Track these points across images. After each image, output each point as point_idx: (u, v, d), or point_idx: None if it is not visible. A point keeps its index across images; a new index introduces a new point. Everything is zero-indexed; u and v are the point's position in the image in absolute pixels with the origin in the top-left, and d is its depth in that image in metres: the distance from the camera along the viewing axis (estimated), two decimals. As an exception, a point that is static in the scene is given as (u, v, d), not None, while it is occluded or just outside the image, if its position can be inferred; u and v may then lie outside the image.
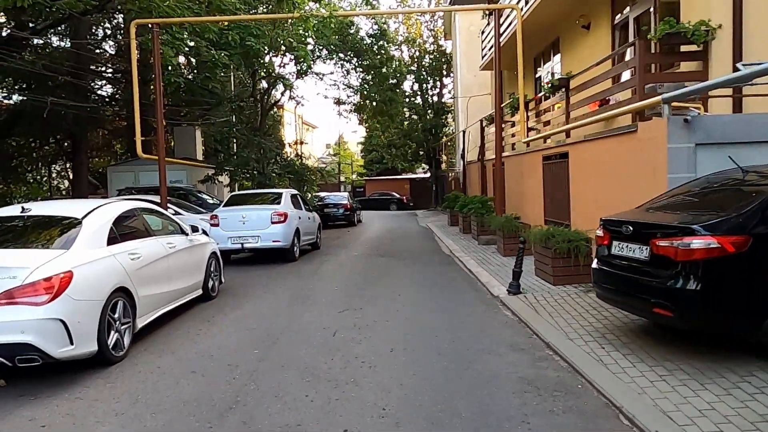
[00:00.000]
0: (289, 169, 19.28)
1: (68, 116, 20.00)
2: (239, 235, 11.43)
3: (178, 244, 6.86)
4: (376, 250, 14.07)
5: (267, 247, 11.59)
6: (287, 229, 11.69)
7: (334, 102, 22.05)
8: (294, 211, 12.37)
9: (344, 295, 8.15)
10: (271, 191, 13.45)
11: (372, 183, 48.84)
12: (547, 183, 12.44)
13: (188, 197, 17.86)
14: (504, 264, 10.21)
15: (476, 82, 30.25)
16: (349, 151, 57.78)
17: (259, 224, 11.50)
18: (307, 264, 11.73)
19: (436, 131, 36.15)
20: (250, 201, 12.62)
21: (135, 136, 14.10)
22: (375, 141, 48.69)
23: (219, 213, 11.70)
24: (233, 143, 19.35)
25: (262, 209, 11.85)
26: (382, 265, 11.22)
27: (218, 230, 11.50)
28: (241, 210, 11.75)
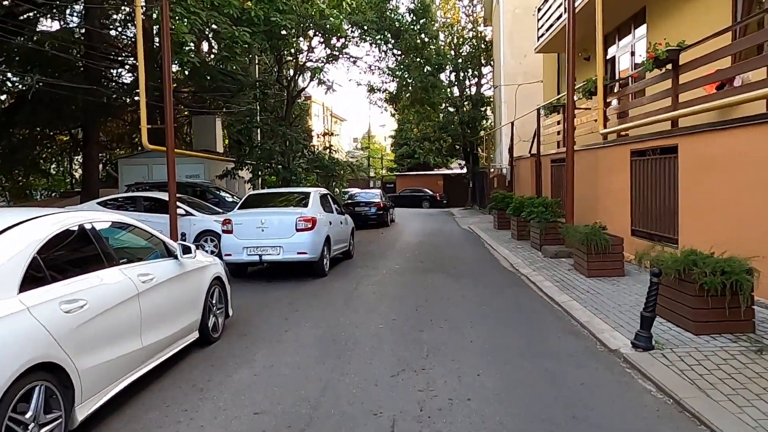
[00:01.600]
0: (317, 163, 17.12)
1: (77, 103, 18.30)
2: (257, 245, 9.31)
3: (158, 275, 4.71)
4: (420, 261, 11.82)
5: (291, 260, 9.44)
6: (316, 238, 9.52)
7: (368, 90, 19.81)
8: (324, 216, 10.20)
9: (395, 340, 5.93)
10: (297, 190, 11.29)
11: (403, 179, 46.58)
12: (637, 184, 10.00)
13: (205, 195, 15.90)
14: (595, 290, 7.85)
15: (521, 70, 27.69)
16: (380, 145, 55.52)
17: (281, 232, 9.35)
18: (340, 280, 9.55)
19: (474, 124, 33.64)
20: (271, 202, 10.49)
21: (141, 124, 12.13)
22: (406, 134, 46.44)
23: (233, 217, 9.58)
24: (256, 134, 17.28)
25: (286, 213, 9.71)
26: (434, 286, 8.96)
27: (232, 238, 9.40)
28: (259, 214, 9.62)
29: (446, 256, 12.69)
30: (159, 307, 4.57)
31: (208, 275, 5.75)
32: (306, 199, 10.13)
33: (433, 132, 34.72)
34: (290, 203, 10.33)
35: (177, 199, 12.80)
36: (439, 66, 19.72)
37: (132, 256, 4.70)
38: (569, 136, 11.23)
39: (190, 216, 12.67)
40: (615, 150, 11.02)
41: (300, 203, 10.16)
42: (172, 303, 4.83)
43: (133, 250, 4.87)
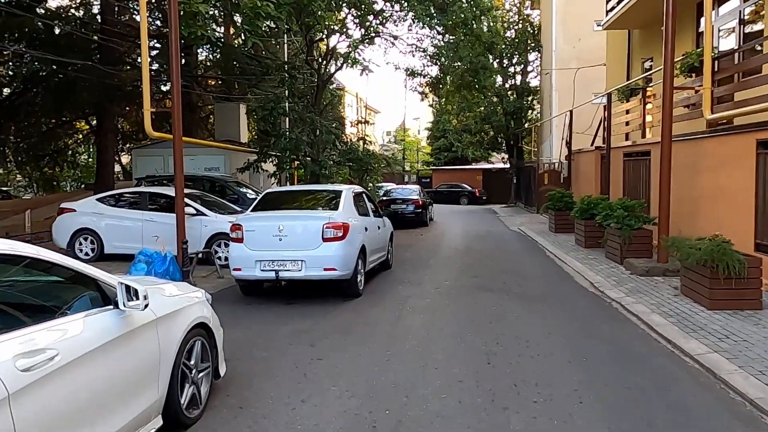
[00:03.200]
0: (350, 155, 15.07)
1: (89, 89, 16.77)
2: (273, 258, 7.30)
3: (72, 345, 2.70)
4: (474, 276, 9.68)
5: (316, 279, 7.41)
6: (348, 250, 7.47)
7: (407, 74, 17.67)
8: (359, 220, 8.14)
9: (467, 425, 3.82)
10: (325, 188, 9.22)
11: (440, 173, 44.23)
12: (766, 184, 7.63)
13: (224, 191, 14.06)
14: (735, 333, 5.58)
15: (574, 55, 25.10)
16: (416, 138, 53.25)
17: (304, 241, 7.33)
18: (378, 305, 7.48)
19: (519, 115, 31.10)
20: (293, 203, 8.46)
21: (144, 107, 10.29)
22: (444, 126, 44.08)
23: (244, 222, 7.58)
24: (282, 122, 15.34)
25: (310, 217, 7.68)
26: (502, 316, 6.81)
27: (242, 248, 7.43)
28: (277, 218, 7.60)
29: (505, 268, 10.49)
30: (69, 402, 2.57)
31: (180, 324, 3.75)
32: (336, 200, 8.07)
33: (474, 123, 32.29)
34: (316, 204, 8.30)
35: (187, 196, 10.98)
36: (491, 45, 17.39)
37: (29, 313, 2.72)
38: (666, 124, 8.90)
39: (201, 216, 10.80)
40: (730, 140, 8.64)
41: (328, 205, 8.12)
42: (102, 386, 2.83)
43: (39, 300, 2.89)
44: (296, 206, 8.22)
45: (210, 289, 8.61)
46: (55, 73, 16.53)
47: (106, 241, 10.96)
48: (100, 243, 10.98)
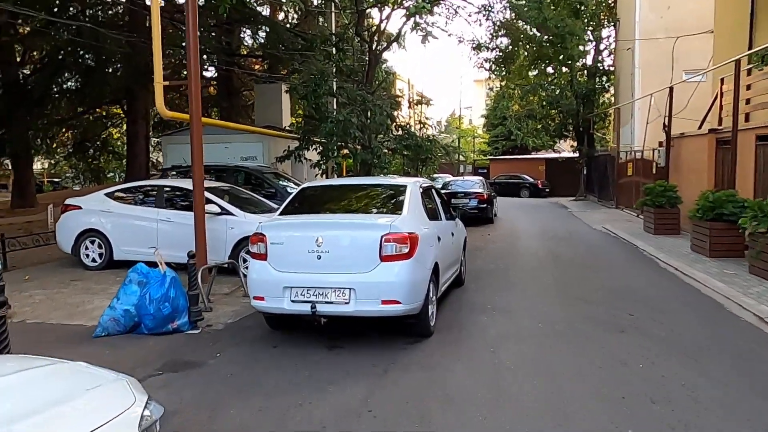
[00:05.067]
0: (408, 141, 12.67)
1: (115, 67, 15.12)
2: (309, 284, 5.02)
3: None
4: (580, 297, 7.16)
5: (370, 315, 5.09)
6: (416, 273, 5.12)
7: (472, 48, 15.14)
8: (429, 228, 5.76)
9: None
10: (383, 182, 6.75)
11: (497, 163, 41.23)
12: None
13: (262, 184, 11.97)
14: None
15: (662, 25, 21.74)
16: (472, 126, 50.24)
17: (353, 260, 5.01)
18: (458, 357, 5.09)
19: (591, 98, 27.83)
20: (338, 203, 6.07)
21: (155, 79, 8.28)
22: (502, 112, 41.02)
23: (268, 230, 5.28)
24: (327, 102, 13.11)
25: (363, 225, 5.30)
26: (661, 383, 4.30)
27: (265, 268, 5.19)
28: (316, 225, 5.28)
29: (616, 287, 7.90)
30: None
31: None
32: (399, 199, 5.71)
33: (540, 108, 29.22)
34: (371, 206, 5.94)
35: (210, 190, 8.94)
36: (580, 4, 14.57)
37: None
38: None
39: (227, 215, 8.71)
40: None
41: (388, 206, 5.78)
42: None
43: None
44: (342, 208, 5.87)
45: (230, 315, 6.47)
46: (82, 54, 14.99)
47: (115, 245, 9.04)
48: (108, 247, 9.07)
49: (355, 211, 5.70)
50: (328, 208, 5.86)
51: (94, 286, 8.02)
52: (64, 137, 29.65)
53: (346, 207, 5.85)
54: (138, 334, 5.70)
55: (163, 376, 4.61)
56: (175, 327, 5.71)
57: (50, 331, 5.91)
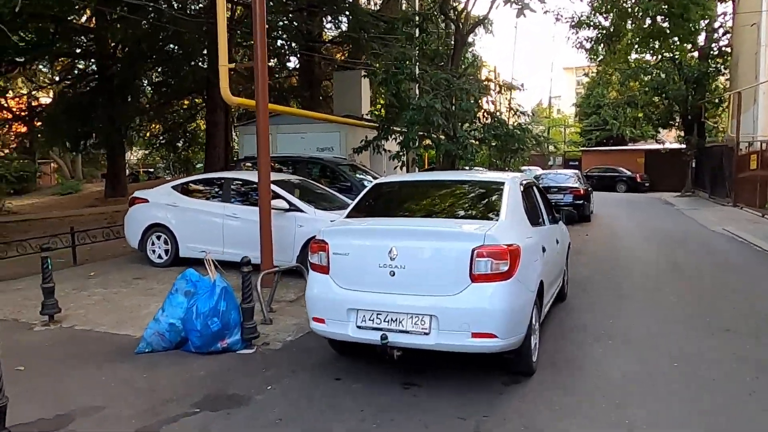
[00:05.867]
0: (498, 130, 11.32)
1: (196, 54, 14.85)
2: (379, 307, 3.99)
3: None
4: (725, 326, 5.63)
5: (455, 350, 3.97)
6: (518, 297, 3.95)
7: (571, 26, 13.49)
8: (533, 236, 4.53)
9: None
10: (474, 178, 5.32)
11: (591, 155, 38.43)
12: None
13: (337, 176, 11.13)
14: None
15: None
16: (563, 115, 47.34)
17: (435, 279, 3.91)
18: (573, 410, 3.89)
19: (703, 83, 24.87)
20: (418, 204, 4.92)
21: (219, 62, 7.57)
22: (596, 101, 38.18)
23: (331, 237, 4.25)
24: (408, 89, 12.03)
25: (448, 234, 4.09)
26: None
27: (326, 284, 4.21)
28: (389, 233, 4.18)
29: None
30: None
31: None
32: (495, 199, 4.53)
33: (642, 94, 26.56)
34: (459, 208, 4.76)
35: (279, 184, 8.17)
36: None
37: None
38: None
39: (296, 212, 7.89)
40: None
41: (481, 208, 4.62)
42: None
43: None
44: (423, 211, 4.76)
45: (291, 331, 5.57)
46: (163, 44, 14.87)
47: (181, 241, 8.48)
48: (174, 243, 8.53)
49: (439, 215, 4.54)
50: (405, 211, 4.76)
51: (156, 285, 7.46)
52: (155, 129, 30.62)
53: (428, 210, 4.71)
54: (185, 350, 4.93)
55: (200, 416, 3.76)
56: (225, 346, 4.88)
57: (94, 341, 5.28)
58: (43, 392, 4.15)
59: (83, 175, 39.32)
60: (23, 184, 32.25)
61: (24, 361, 4.73)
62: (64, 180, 37.05)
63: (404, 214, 4.69)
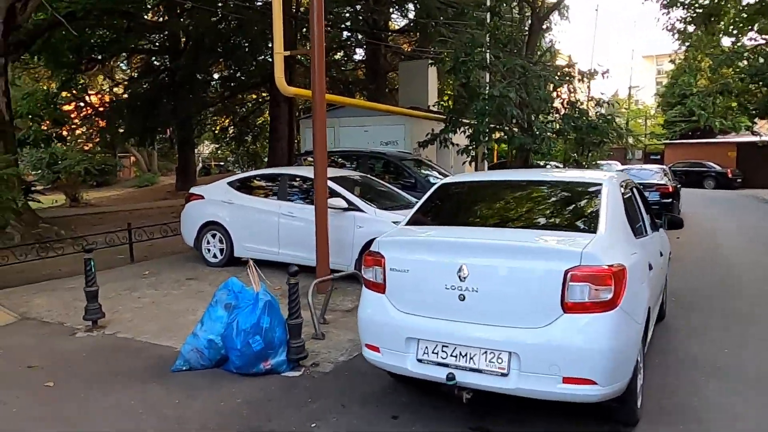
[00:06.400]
0: (579, 122, 10.21)
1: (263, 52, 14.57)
2: (445, 339, 3.25)
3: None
4: None
5: (540, 398, 3.15)
6: (624, 333, 3.10)
7: (663, 5, 12.08)
8: (638, 251, 3.63)
9: None
10: (563, 178, 4.35)
11: (674, 149, 35.77)
12: None
13: (401, 172, 10.42)
14: None
15: None
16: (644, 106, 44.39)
17: (516, 306, 3.13)
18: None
19: (811, 67, 22.18)
20: (492, 210, 4.07)
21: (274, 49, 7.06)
22: (682, 90, 35.35)
23: (388, 249, 3.57)
24: (478, 78, 11.14)
25: (531, 250, 3.25)
26: None
27: (381, 304, 3.52)
28: (458, 247, 3.39)
29: None
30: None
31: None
32: (590, 205, 3.67)
33: (738, 81, 24.09)
34: (545, 216, 3.86)
35: (337, 181, 7.59)
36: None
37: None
38: None
39: (355, 211, 7.26)
40: None
41: (573, 216, 3.75)
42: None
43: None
44: (500, 219, 3.95)
45: (344, 349, 4.92)
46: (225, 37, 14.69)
47: (236, 240, 8.06)
48: (229, 242, 8.13)
49: (521, 226, 3.70)
50: (478, 219, 3.97)
51: (207, 288, 7.04)
52: (224, 123, 31.11)
53: (507, 218, 3.88)
54: (226, 369, 4.40)
55: (230, 461, 3.18)
56: (268, 367, 4.31)
57: (132, 354, 4.86)
58: (64, 418, 3.71)
59: (158, 169, 40.76)
60: (105, 177, 33.81)
61: (56, 375, 4.36)
62: (141, 173, 38.52)
63: (477, 222, 3.88)
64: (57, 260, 8.27)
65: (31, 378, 4.35)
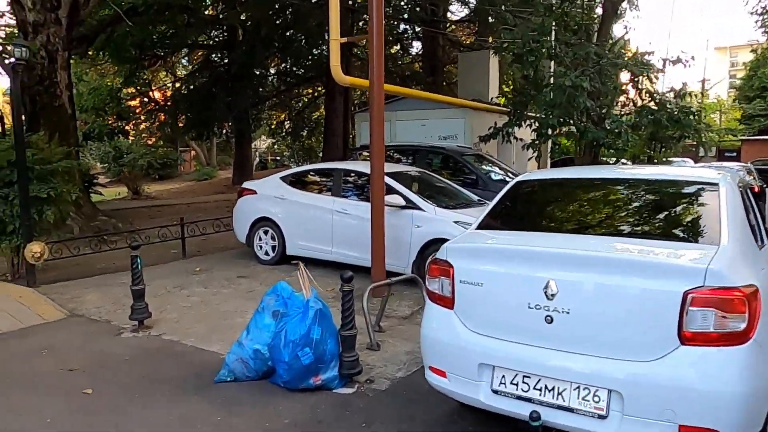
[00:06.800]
0: (659, 114, 9.29)
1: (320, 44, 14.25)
2: (528, 369, 2.72)
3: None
4: None
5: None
6: (756, 370, 2.47)
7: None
8: (766, 267, 2.96)
9: None
10: (665, 176, 3.56)
11: (752, 145, 33.32)
12: None
13: (461, 168, 9.85)
14: None
15: None
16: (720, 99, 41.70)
17: (618, 332, 2.56)
18: None
19: None
20: (581, 214, 3.44)
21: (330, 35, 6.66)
22: (761, 82, 32.95)
23: (456, 258, 3.05)
24: (544, 68, 10.38)
25: (640, 265, 2.63)
26: None
27: (450, 322, 3.01)
28: (544, 258, 2.83)
29: None
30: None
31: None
32: (704, 208, 3.04)
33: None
34: (649, 222, 3.18)
35: (395, 177, 7.14)
36: None
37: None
38: None
39: (414, 210, 6.77)
40: None
41: (683, 222, 3.12)
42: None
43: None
44: (592, 225, 3.29)
45: (402, 362, 4.46)
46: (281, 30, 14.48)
47: (288, 238, 7.73)
48: (281, 239, 7.81)
49: (620, 234, 3.05)
50: (564, 224, 3.38)
51: (257, 287, 6.74)
52: (280, 117, 31.26)
53: (601, 223, 3.25)
54: (273, 383, 4.01)
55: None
56: (318, 383, 3.89)
57: (176, 359, 4.56)
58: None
59: (217, 163, 41.61)
60: (166, 170, 34.76)
61: (95, 382, 4.09)
62: (200, 167, 39.42)
63: (564, 229, 3.28)
64: (112, 254, 8.21)
65: (71, 382, 4.10)
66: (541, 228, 3.35)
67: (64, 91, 11.28)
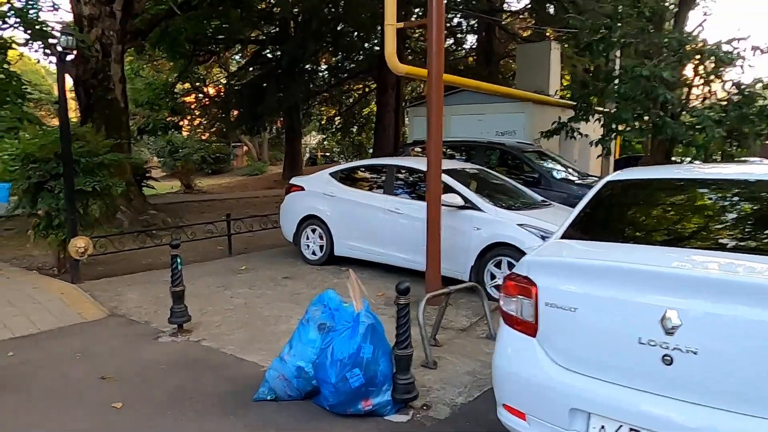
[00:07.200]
0: (747, 109, 8.33)
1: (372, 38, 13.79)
2: (638, 423, 2.14)
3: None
4: None
5: None
6: None
7: None
8: None
9: None
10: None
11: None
12: None
13: (521, 165, 9.18)
14: None
15: None
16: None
17: (765, 382, 1.93)
18: None
19: None
20: (701, 223, 2.70)
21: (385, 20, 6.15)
22: None
23: (540, 274, 2.47)
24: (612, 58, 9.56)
25: None
26: None
27: (531, 354, 2.46)
28: (658, 279, 2.21)
29: None
30: None
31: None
32: None
33: None
34: None
35: (452, 174, 6.61)
36: None
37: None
38: None
39: (473, 210, 6.20)
40: None
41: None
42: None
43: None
44: (713, 236, 2.58)
45: (462, 384, 3.93)
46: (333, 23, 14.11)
47: (336, 238, 7.31)
48: (329, 238, 7.40)
49: (756, 251, 2.38)
50: (678, 237, 2.71)
51: (303, 289, 6.35)
52: (330, 112, 31.10)
53: (727, 236, 2.58)
54: (318, 404, 3.57)
55: None
56: (369, 408, 3.41)
57: (214, 370, 4.18)
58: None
59: (268, 158, 41.96)
60: (219, 165, 35.28)
61: (127, 393, 3.75)
62: (252, 162, 39.82)
63: (678, 242, 2.62)
64: (158, 249, 8.01)
65: (101, 393, 3.78)
66: (646, 240, 2.72)
67: (117, 85, 11.26)
